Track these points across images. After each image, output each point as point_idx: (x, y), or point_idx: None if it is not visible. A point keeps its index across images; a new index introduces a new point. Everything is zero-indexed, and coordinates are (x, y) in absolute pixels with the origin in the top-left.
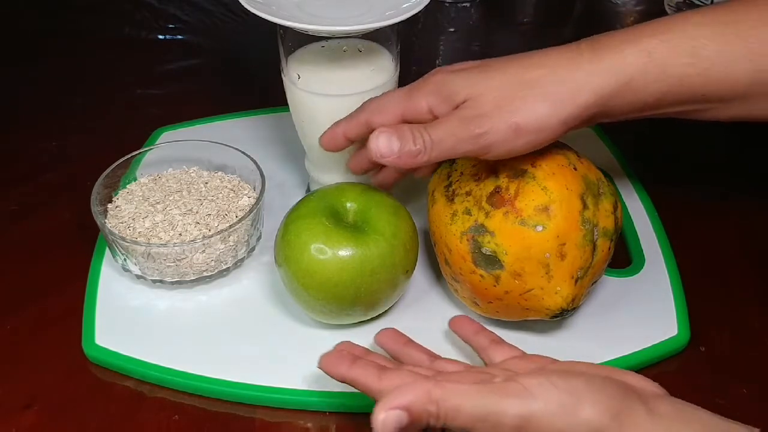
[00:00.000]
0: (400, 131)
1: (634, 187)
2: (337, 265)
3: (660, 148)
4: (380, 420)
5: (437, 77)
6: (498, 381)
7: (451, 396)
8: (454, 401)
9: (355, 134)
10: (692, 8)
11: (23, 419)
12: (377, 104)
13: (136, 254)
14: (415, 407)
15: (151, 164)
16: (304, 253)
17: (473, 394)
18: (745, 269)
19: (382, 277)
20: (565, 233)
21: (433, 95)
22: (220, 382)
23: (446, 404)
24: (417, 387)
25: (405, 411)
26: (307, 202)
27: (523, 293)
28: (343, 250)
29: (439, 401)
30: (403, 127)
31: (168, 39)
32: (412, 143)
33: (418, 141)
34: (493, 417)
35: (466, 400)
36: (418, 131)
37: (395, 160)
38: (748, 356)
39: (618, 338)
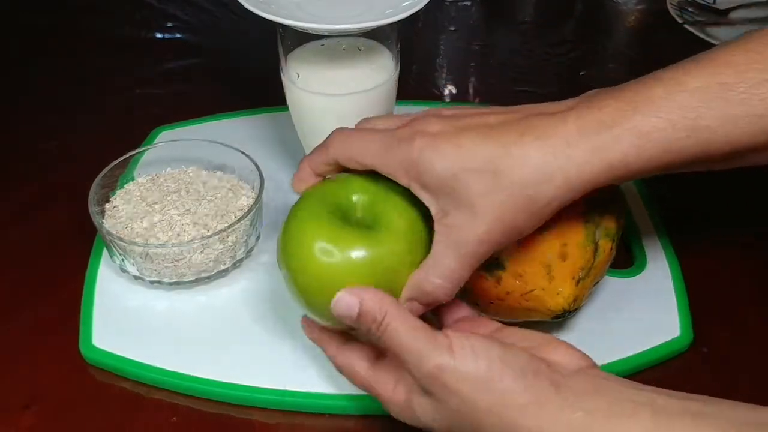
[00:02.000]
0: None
1: (637, 186)
2: (347, 269)
3: None
4: (337, 297)
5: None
6: (433, 330)
7: (394, 321)
8: (394, 325)
9: (324, 170)
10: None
11: (22, 420)
12: (342, 148)
13: (134, 255)
14: (366, 305)
15: (149, 164)
16: (310, 260)
17: (411, 331)
18: (747, 270)
19: (401, 280)
20: (566, 234)
21: (414, 176)
22: (218, 384)
23: (388, 326)
24: (378, 295)
25: (359, 302)
26: (308, 199)
27: (525, 294)
28: (355, 251)
29: (385, 318)
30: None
31: (167, 38)
32: (433, 295)
33: (435, 291)
34: (416, 357)
35: (403, 331)
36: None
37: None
38: (751, 357)
39: (620, 339)
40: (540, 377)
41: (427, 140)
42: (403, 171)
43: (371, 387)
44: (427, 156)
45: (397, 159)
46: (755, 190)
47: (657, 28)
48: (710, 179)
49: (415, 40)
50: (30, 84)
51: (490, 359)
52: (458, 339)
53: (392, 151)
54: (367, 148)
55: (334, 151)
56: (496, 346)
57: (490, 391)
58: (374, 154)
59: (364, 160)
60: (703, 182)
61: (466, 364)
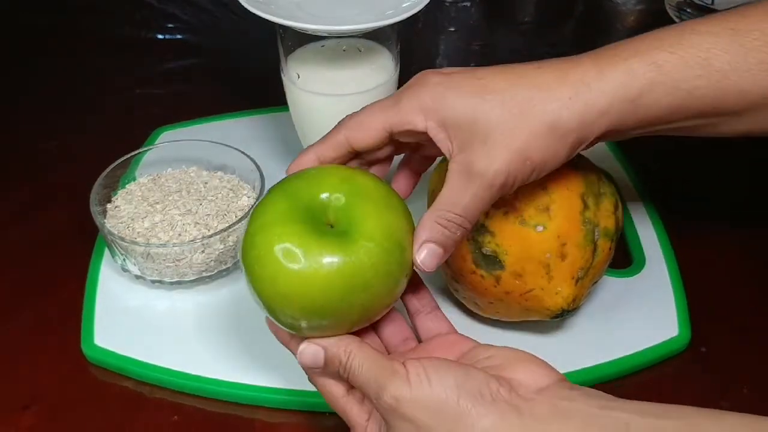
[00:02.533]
0: (432, 233)
1: (635, 187)
2: (320, 281)
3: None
4: (301, 349)
5: (430, 91)
6: (392, 361)
7: (359, 355)
8: (358, 360)
9: (333, 156)
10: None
11: (22, 420)
12: (357, 120)
13: (136, 254)
14: (330, 351)
15: (151, 164)
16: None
17: (373, 361)
18: (746, 269)
19: (377, 290)
20: (565, 233)
21: (431, 115)
22: (219, 383)
23: (353, 360)
24: (341, 340)
25: (323, 350)
26: (273, 199)
27: (524, 293)
28: (327, 258)
29: (350, 355)
30: (430, 228)
31: (168, 39)
32: (452, 235)
33: (452, 227)
34: (375, 390)
35: (366, 363)
36: (442, 217)
37: (446, 257)
38: (749, 357)
39: (618, 339)
40: (498, 400)
41: (442, 78)
42: (419, 112)
43: (346, 414)
44: (445, 91)
45: (411, 104)
46: (755, 189)
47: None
48: (710, 179)
49: (415, 40)
50: (30, 84)
51: (446, 385)
52: (414, 367)
53: (404, 99)
54: (378, 109)
55: (347, 130)
56: (452, 369)
57: (447, 418)
58: (386, 111)
59: (377, 123)
60: (703, 182)
61: (422, 391)
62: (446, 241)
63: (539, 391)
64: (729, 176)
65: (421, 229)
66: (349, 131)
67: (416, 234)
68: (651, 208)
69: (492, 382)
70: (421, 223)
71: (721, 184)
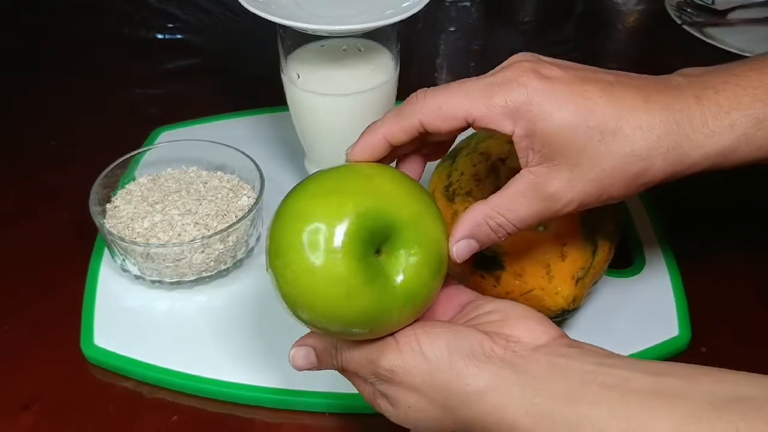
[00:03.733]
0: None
1: None
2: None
3: None
4: (291, 354)
5: (528, 95)
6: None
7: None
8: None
9: (402, 140)
10: (693, 7)
11: (22, 420)
12: (435, 104)
13: (135, 254)
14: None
15: (150, 164)
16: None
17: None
18: (746, 269)
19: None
20: (565, 233)
21: (522, 122)
22: (219, 383)
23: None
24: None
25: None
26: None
27: (524, 294)
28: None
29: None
30: (479, 224)
31: (168, 39)
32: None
33: (500, 231)
34: (369, 367)
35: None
36: (494, 219)
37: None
38: (749, 357)
39: (618, 339)
40: (492, 358)
41: (545, 84)
42: (508, 115)
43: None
44: (545, 100)
45: (502, 102)
46: (754, 189)
47: (656, 29)
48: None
49: (415, 40)
50: (30, 84)
51: (437, 348)
52: (404, 337)
53: (496, 95)
54: (462, 95)
55: (423, 116)
56: (444, 333)
57: (442, 381)
58: (472, 101)
59: (458, 112)
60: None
61: (414, 359)
62: (486, 240)
63: (537, 348)
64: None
65: (468, 222)
66: (426, 117)
67: (460, 223)
68: (651, 208)
69: (485, 341)
70: (469, 214)
71: (721, 183)
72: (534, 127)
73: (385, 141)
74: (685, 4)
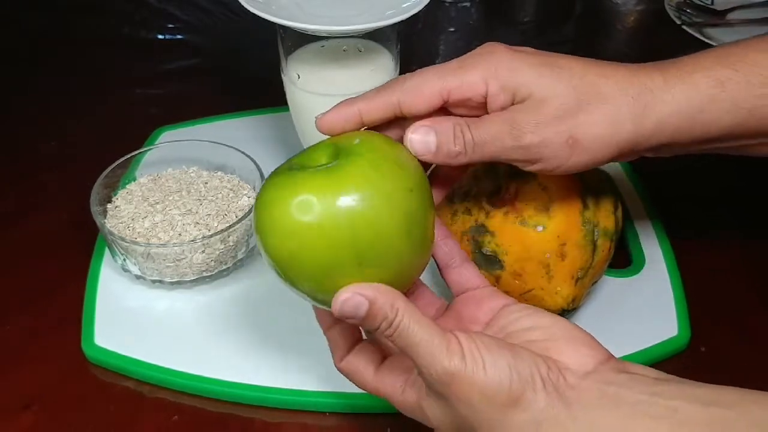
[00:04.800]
0: (440, 126)
1: (635, 186)
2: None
3: None
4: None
5: (498, 57)
6: (445, 332)
7: (406, 319)
8: (407, 324)
9: (378, 117)
10: (693, 7)
11: (22, 420)
12: (412, 83)
13: (136, 254)
14: (377, 303)
15: (151, 164)
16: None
17: (423, 326)
18: (745, 269)
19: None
20: (565, 233)
21: (494, 79)
22: (219, 383)
23: (401, 324)
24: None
25: (367, 302)
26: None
27: (524, 293)
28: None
29: (397, 317)
30: (443, 122)
31: (168, 39)
32: (452, 143)
33: (458, 141)
34: (428, 360)
35: (417, 331)
36: (459, 129)
37: (430, 158)
38: (749, 356)
39: (618, 338)
40: (547, 387)
41: (513, 50)
42: (482, 78)
43: (378, 391)
44: (513, 58)
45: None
46: (754, 189)
47: (656, 29)
48: (709, 179)
49: (415, 40)
50: (30, 84)
51: (500, 368)
52: (468, 344)
53: (467, 65)
54: (437, 74)
55: (401, 94)
56: (505, 353)
57: (499, 402)
58: (446, 77)
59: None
60: (702, 182)
61: (477, 372)
62: (443, 141)
63: (586, 375)
64: (729, 176)
65: (432, 118)
66: (403, 95)
67: (424, 120)
68: (651, 207)
69: (542, 366)
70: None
71: (721, 183)
72: (505, 81)
73: (359, 115)
74: (685, 4)
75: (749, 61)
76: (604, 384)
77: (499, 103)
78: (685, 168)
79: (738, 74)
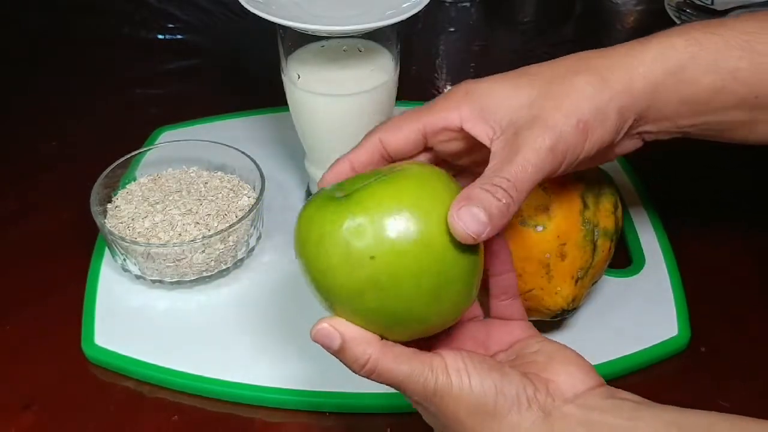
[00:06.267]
0: (472, 195)
1: (635, 186)
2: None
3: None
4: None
5: (462, 86)
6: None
7: (380, 362)
8: (382, 366)
9: (365, 161)
10: (693, 7)
11: (22, 420)
12: (392, 123)
13: (136, 254)
14: (348, 346)
15: (151, 164)
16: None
17: (402, 363)
18: (745, 269)
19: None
20: (565, 233)
21: (466, 108)
22: (219, 383)
23: (376, 368)
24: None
25: (340, 340)
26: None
27: (524, 293)
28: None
29: (369, 363)
30: (472, 190)
31: (168, 39)
32: (494, 200)
33: (498, 192)
34: (413, 385)
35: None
36: (489, 183)
37: (491, 232)
38: (749, 356)
39: (618, 338)
40: (532, 406)
41: (479, 80)
42: (453, 108)
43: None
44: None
45: (445, 101)
46: (753, 189)
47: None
48: (709, 178)
49: (415, 40)
50: (30, 84)
51: (486, 386)
52: (453, 360)
53: (440, 100)
54: (413, 114)
55: (381, 133)
56: (493, 372)
57: (485, 417)
58: (421, 114)
59: (413, 125)
60: (702, 181)
61: (463, 387)
62: (490, 205)
63: (574, 397)
64: (729, 176)
65: (459, 196)
66: (383, 133)
67: (453, 203)
68: (650, 207)
69: (528, 386)
70: (460, 194)
71: (721, 183)
72: (478, 105)
73: (350, 166)
74: (685, 4)
75: (728, 26)
76: (588, 409)
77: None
78: (686, 168)
79: (715, 36)
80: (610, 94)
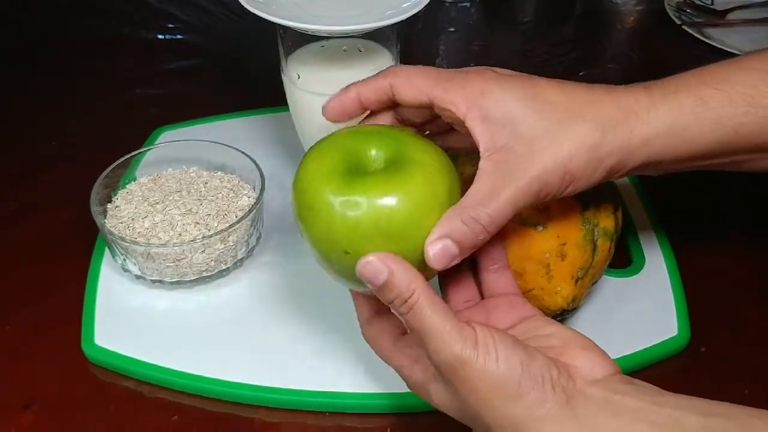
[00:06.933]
0: (453, 228)
1: (635, 187)
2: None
3: None
4: (365, 260)
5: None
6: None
7: (421, 300)
8: (421, 305)
9: (372, 99)
10: (693, 7)
11: (22, 420)
12: (406, 73)
13: (136, 254)
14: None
15: (151, 164)
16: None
17: (438, 315)
18: (745, 271)
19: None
20: (565, 233)
21: (474, 107)
22: (219, 383)
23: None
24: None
25: (387, 272)
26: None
27: (524, 293)
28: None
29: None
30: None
31: (168, 39)
32: (471, 234)
33: (476, 227)
34: (439, 342)
35: (430, 313)
36: (468, 214)
37: (459, 259)
38: (749, 356)
39: (618, 338)
40: (556, 389)
41: (497, 75)
42: (464, 99)
43: (390, 360)
44: (496, 87)
45: (460, 87)
46: (753, 189)
47: (656, 29)
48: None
49: (415, 40)
50: (30, 84)
51: (512, 363)
52: (483, 334)
53: (456, 81)
54: (429, 76)
55: (394, 78)
56: (519, 350)
57: (507, 396)
58: (435, 82)
59: (425, 88)
60: (701, 181)
61: (488, 362)
62: (464, 241)
63: (595, 382)
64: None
65: (442, 223)
66: (396, 80)
67: (435, 227)
68: (650, 208)
69: (553, 369)
70: (444, 216)
71: (721, 183)
72: (486, 110)
73: (357, 98)
74: (685, 4)
75: (732, 81)
76: (610, 391)
77: (478, 130)
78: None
79: (720, 93)
80: (608, 150)
